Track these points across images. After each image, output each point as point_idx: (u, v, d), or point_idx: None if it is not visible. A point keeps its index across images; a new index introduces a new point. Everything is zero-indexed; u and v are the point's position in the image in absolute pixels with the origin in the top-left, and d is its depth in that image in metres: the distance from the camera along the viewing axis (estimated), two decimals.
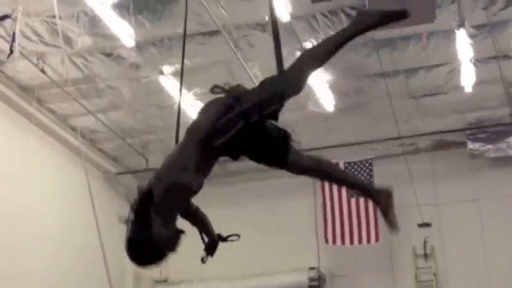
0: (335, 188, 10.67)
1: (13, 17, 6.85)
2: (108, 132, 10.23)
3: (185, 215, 3.41)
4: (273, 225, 11.34)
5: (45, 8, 7.16)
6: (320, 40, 3.48)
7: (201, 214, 3.57)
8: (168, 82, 8.89)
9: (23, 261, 8.71)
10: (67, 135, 9.91)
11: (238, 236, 3.48)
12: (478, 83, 9.10)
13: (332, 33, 7.82)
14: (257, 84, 3.55)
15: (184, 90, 9.09)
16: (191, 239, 3.23)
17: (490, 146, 10.43)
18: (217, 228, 3.66)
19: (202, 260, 3.55)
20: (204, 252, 3.58)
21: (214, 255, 3.61)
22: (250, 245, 11.56)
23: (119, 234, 11.23)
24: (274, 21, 3.76)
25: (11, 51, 6.91)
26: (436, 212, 10.87)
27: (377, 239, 10.40)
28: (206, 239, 3.60)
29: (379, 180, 10.57)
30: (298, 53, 8.13)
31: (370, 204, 10.39)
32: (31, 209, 9.16)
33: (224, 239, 3.57)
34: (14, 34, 6.86)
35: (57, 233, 9.64)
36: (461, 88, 9.26)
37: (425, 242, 10.71)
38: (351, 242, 10.52)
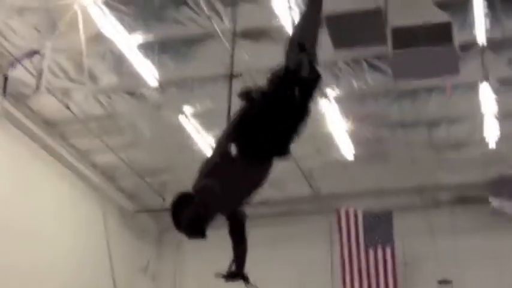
0: (353, 236, 10.54)
1: (42, 53, 7.03)
2: (127, 169, 10.29)
3: (232, 235, 3.79)
4: (287, 271, 11.15)
5: (73, 45, 7.33)
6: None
7: (244, 245, 3.89)
8: (188, 123, 8.95)
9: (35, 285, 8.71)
10: (86, 171, 10.01)
11: None
12: (502, 138, 8.99)
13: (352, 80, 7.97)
14: None
15: (204, 132, 9.16)
16: None
17: None
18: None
19: (216, 275, 3.80)
20: (221, 274, 3.81)
21: None
22: None
23: (131, 271, 11.08)
24: None
25: (38, 87, 7.07)
26: (455, 267, 10.58)
27: None
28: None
29: (398, 232, 10.42)
30: (320, 100, 8.21)
31: (388, 254, 10.25)
32: (46, 238, 9.18)
33: (246, 281, 3.82)
34: (41, 70, 7.03)
35: (69, 263, 9.61)
36: (485, 142, 9.15)
37: None
38: None
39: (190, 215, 3.40)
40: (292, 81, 3.58)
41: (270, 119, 3.55)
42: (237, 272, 3.84)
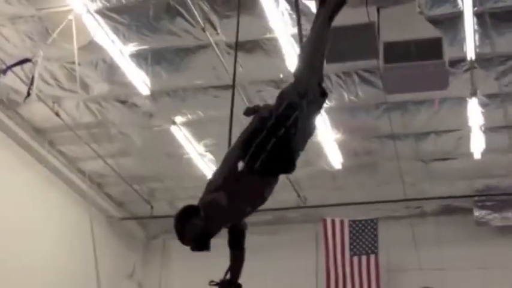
0: (338, 245, 10.62)
1: (34, 60, 6.99)
2: (116, 177, 10.25)
3: (231, 243, 3.87)
4: (273, 279, 11.17)
5: (66, 54, 7.30)
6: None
7: (242, 255, 3.94)
8: (179, 132, 8.95)
9: None
10: (75, 177, 9.97)
11: None
12: (488, 151, 9.11)
13: (343, 92, 8.05)
14: None
15: (194, 141, 9.17)
16: None
17: (496, 215, 10.35)
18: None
19: (210, 284, 3.84)
20: (215, 282, 3.85)
21: None
22: None
23: (117, 277, 10.93)
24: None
25: (29, 94, 7.04)
26: (439, 277, 10.70)
27: None
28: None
29: (383, 241, 10.52)
30: None
31: (373, 263, 10.35)
32: (32, 243, 9.12)
33: None
34: (32, 77, 7.00)
35: (55, 269, 9.56)
36: (471, 155, 9.27)
37: None
38: None
39: (196, 230, 3.43)
40: (302, 104, 3.64)
41: (278, 137, 3.61)
42: (231, 281, 3.88)
